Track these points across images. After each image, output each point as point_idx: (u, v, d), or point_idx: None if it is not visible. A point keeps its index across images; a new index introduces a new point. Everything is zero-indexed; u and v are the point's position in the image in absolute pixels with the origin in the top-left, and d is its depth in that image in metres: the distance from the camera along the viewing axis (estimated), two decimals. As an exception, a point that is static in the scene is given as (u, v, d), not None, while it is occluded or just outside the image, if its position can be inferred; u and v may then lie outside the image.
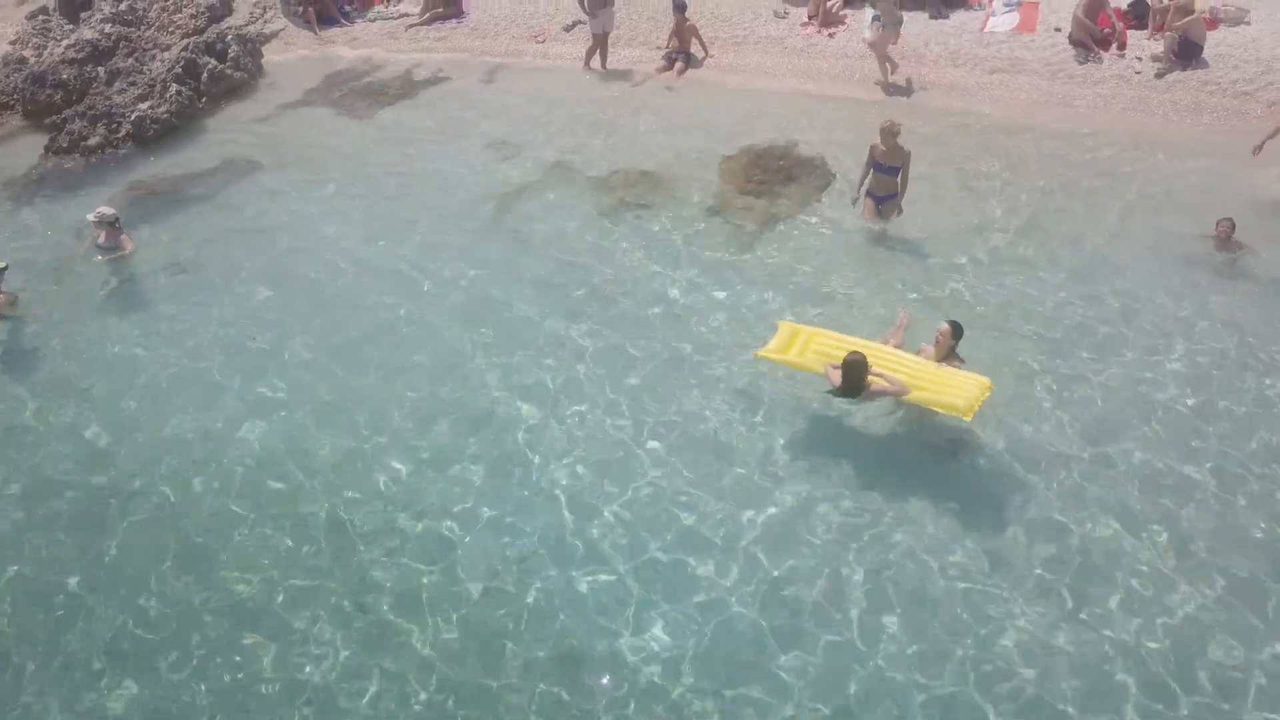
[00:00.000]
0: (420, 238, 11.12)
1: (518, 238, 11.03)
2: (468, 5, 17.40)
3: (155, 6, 17.05)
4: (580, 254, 10.68)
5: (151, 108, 13.48)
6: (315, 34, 17.18)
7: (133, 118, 13.19)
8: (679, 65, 14.97)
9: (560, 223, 11.23)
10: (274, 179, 12.41)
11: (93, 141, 12.87)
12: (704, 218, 11.11)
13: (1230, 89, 12.93)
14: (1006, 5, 15.46)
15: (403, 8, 17.68)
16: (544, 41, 16.32)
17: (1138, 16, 14.52)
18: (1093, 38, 13.94)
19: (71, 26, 16.49)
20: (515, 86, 14.86)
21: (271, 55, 16.59)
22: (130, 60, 14.24)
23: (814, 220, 10.93)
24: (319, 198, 11.98)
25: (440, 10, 17.11)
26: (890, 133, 10.02)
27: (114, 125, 13.19)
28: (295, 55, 16.51)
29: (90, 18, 16.39)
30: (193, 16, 17.09)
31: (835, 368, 7.73)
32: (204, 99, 14.43)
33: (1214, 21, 13.95)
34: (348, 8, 17.79)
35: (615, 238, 10.92)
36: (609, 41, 15.13)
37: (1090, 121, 12.81)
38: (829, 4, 15.66)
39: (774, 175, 11.78)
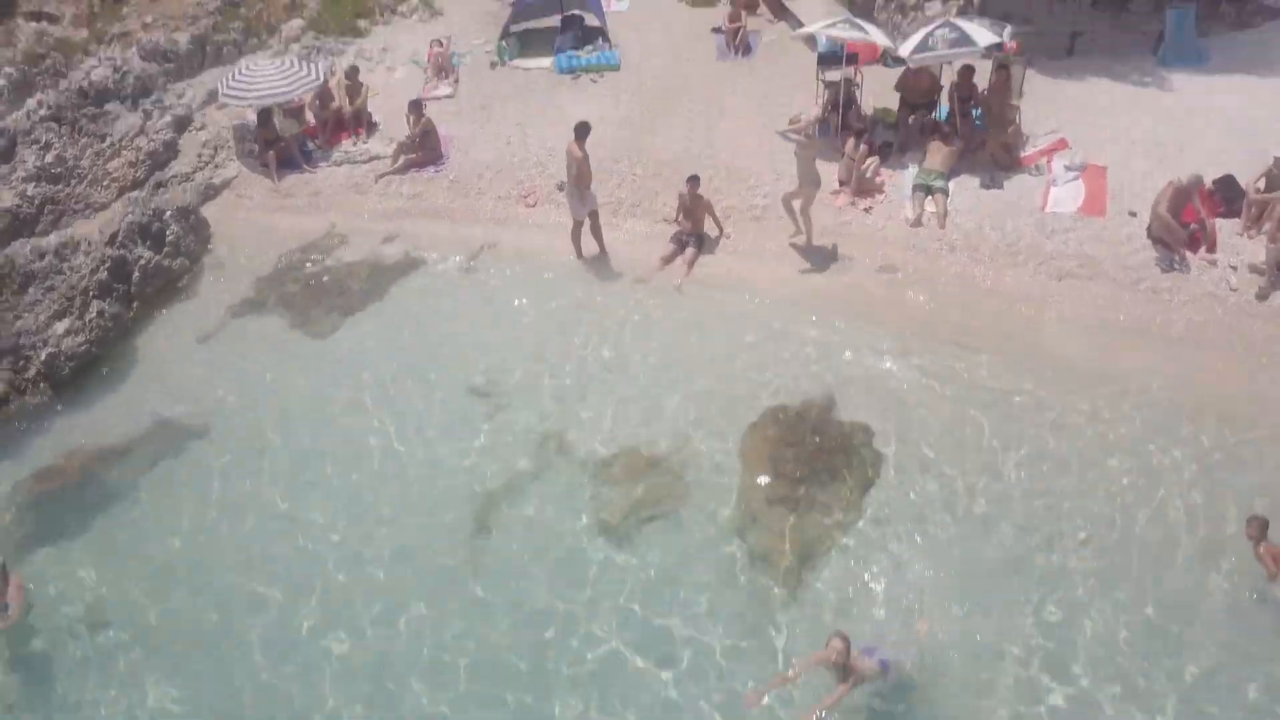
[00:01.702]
0: (364, 582, 9.05)
1: (485, 592, 8.94)
2: (448, 148, 15.22)
3: (89, 152, 14.88)
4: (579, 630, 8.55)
5: (69, 332, 11.40)
6: (274, 183, 15.02)
7: (44, 355, 11.10)
8: (689, 254, 12.84)
9: (545, 563, 9.11)
10: (210, 459, 10.27)
11: (-8, 392, 10.82)
12: (724, 550, 9.06)
13: (1353, 323, 10.89)
14: (1069, 169, 13.36)
15: (371, 147, 15.52)
16: (534, 205, 14.17)
17: (1227, 200, 12.40)
18: (1177, 239, 11.82)
19: (-9, 179, 14.29)
20: (499, 284, 12.71)
21: (220, 214, 14.46)
22: (50, 257, 12.05)
23: (857, 554, 8.90)
24: (260, 500, 9.83)
25: (415, 157, 14.92)
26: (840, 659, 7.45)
27: (21, 362, 11.10)
28: (246, 219, 14.33)
29: (11, 174, 14.20)
30: (131, 165, 14.99)
31: None
32: (135, 303, 12.34)
33: (1324, 222, 11.84)
34: (310, 145, 15.61)
35: (612, 587, 8.85)
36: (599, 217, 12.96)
37: (1180, 366, 10.68)
38: (863, 166, 13.52)
39: (808, 462, 9.75)
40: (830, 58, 15.10)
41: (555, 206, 13.90)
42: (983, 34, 13.14)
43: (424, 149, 14.90)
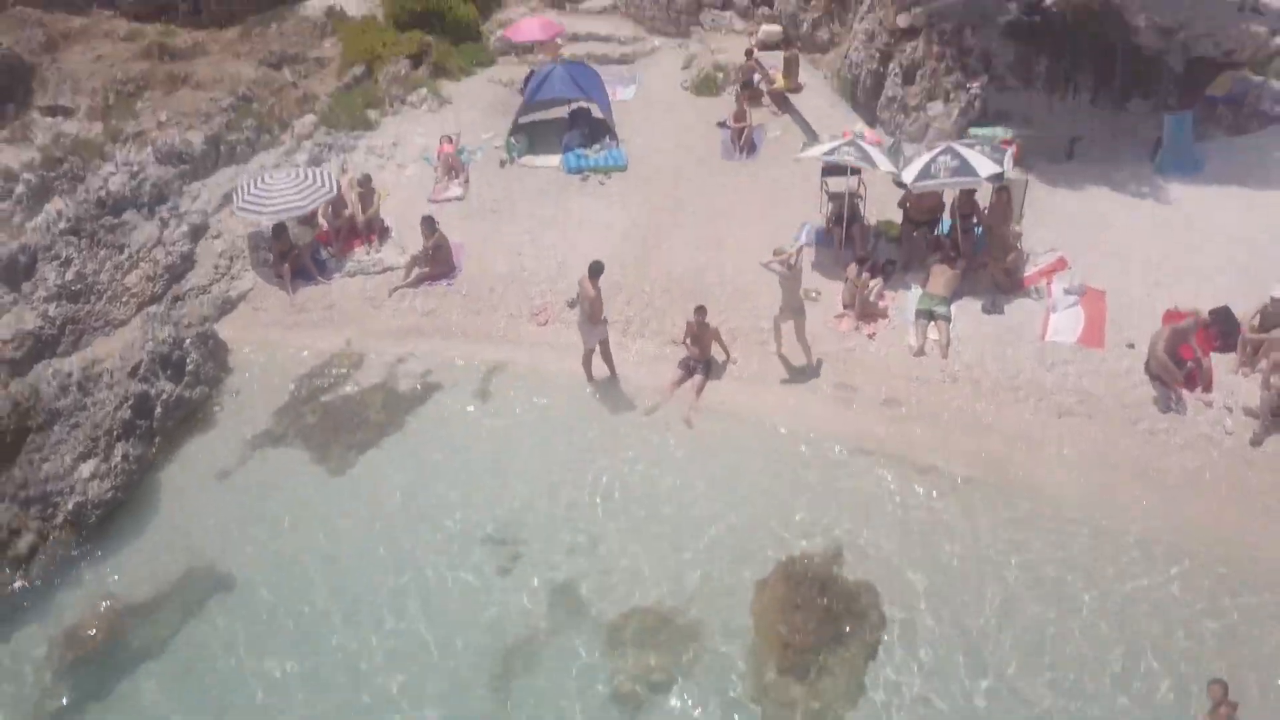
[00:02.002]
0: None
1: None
2: (460, 257, 15.53)
3: (107, 265, 15.18)
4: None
5: (95, 476, 11.69)
6: (289, 295, 15.33)
7: (72, 504, 11.40)
8: (698, 380, 13.15)
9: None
10: (235, 608, 10.55)
11: (24, 544, 11.07)
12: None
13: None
14: (1068, 293, 13.67)
15: (385, 257, 15.82)
16: (546, 323, 14.48)
17: (1223, 335, 12.69)
18: (1174, 378, 12.11)
19: (12, 295, 14.57)
20: (513, 412, 13.02)
21: (237, 331, 14.76)
22: (74, 393, 12.34)
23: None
24: (287, 650, 10.11)
25: (428, 271, 15.24)
26: None
27: (50, 510, 11.40)
28: (262, 337, 14.63)
29: (33, 293, 14.50)
30: (149, 279, 15.29)
31: None
32: (157, 438, 12.64)
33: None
34: (324, 253, 15.92)
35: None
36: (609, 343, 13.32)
37: (1177, 509, 10.98)
38: (865, 291, 13.82)
39: (817, 625, 10.04)
40: (834, 168, 15.38)
41: (565, 326, 14.21)
42: (984, 163, 13.46)
43: (436, 263, 15.21)
